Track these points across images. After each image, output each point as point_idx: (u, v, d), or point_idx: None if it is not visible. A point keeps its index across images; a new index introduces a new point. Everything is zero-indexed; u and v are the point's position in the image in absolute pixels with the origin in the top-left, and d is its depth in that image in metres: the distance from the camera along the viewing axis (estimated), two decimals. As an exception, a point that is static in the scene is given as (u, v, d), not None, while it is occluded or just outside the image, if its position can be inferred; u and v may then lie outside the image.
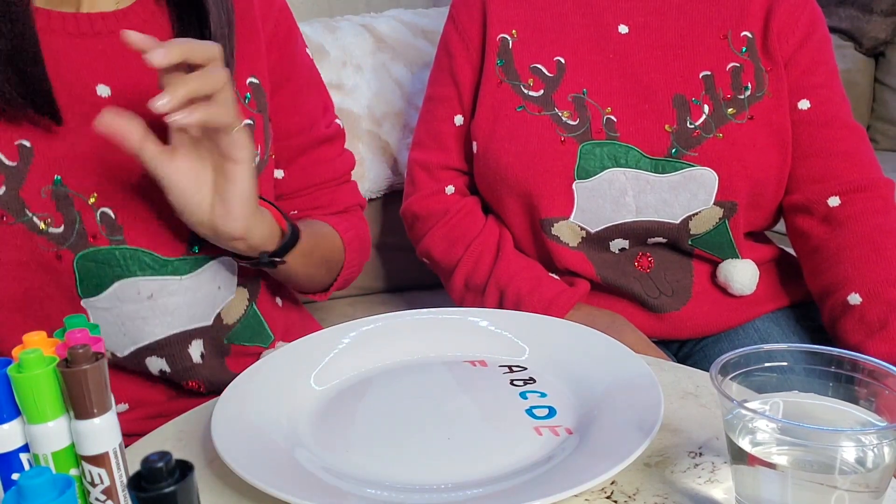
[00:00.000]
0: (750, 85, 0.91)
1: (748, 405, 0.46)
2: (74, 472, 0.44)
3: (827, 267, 0.90)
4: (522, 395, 0.64)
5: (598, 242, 0.94)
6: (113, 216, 0.70)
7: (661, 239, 0.94)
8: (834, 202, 0.90)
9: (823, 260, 0.90)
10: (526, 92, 0.93)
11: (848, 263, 0.87)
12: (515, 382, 0.65)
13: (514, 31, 0.95)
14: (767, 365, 0.50)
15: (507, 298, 0.92)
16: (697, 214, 0.91)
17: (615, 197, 0.90)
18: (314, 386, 0.66)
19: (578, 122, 0.91)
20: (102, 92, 0.70)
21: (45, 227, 0.68)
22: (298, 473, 0.54)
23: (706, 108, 0.90)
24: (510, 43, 0.95)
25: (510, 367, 0.68)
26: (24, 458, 0.43)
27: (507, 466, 0.54)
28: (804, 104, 0.92)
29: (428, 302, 1.15)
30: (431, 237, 1.00)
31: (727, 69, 0.91)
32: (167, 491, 0.33)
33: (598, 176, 0.90)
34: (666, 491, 0.52)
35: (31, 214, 0.67)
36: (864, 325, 0.84)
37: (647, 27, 0.93)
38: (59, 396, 0.42)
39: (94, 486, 0.43)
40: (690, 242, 0.94)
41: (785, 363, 0.50)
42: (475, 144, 0.96)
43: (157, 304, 0.72)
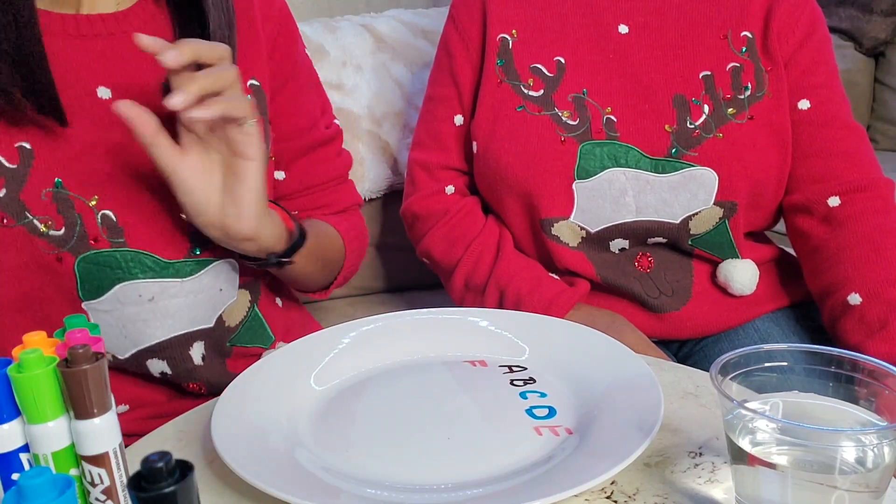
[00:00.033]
0: (750, 85, 0.91)
1: (748, 405, 0.46)
2: (74, 472, 0.44)
3: (827, 267, 0.90)
4: (522, 395, 0.64)
5: (598, 242, 0.94)
6: (114, 218, 0.69)
7: (661, 239, 0.94)
8: (834, 202, 0.90)
9: (823, 260, 0.90)
10: (526, 92, 0.93)
11: (848, 263, 0.87)
12: (515, 382, 0.65)
13: (514, 30, 0.95)
14: (767, 365, 0.50)
15: (507, 298, 0.92)
16: (697, 214, 0.91)
17: (615, 197, 0.90)
18: (314, 386, 0.66)
19: (578, 121, 0.91)
20: (103, 94, 0.70)
21: (45, 229, 0.67)
22: (298, 473, 0.54)
23: (706, 108, 0.90)
24: (510, 43, 0.95)
25: (510, 367, 0.68)
26: (24, 458, 0.43)
27: (507, 466, 0.54)
28: (804, 104, 0.92)
29: (428, 302, 1.15)
30: (431, 237, 1.00)
31: (727, 69, 0.91)
32: (167, 491, 0.33)
33: (598, 176, 0.90)
34: (666, 491, 0.52)
35: (31, 217, 0.67)
36: (864, 325, 0.84)
37: (647, 27, 0.93)
38: (59, 396, 0.42)
39: (94, 486, 0.43)
40: (690, 242, 0.94)
41: (785, 363, 0.50)
42: (475, 144, 0.96)
43: (158, 306, 0.72)
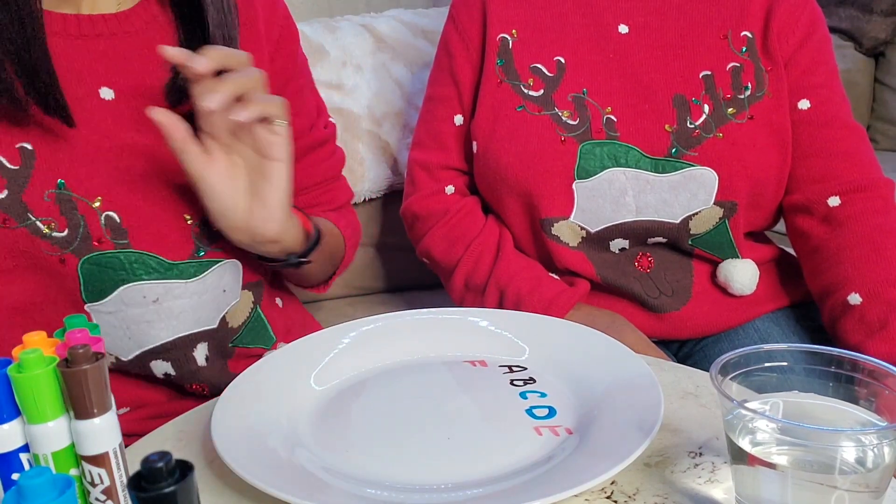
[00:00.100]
0: (750, 85, 0.91)
1: (748, 405, 0.46)
2: (74, 472, 0.44)
3: (827, 267, 0.90)
4: (522, 395, 0.64)
5: (598, 242, 0.94)
6: (118, 220, 0.69)
7: (661, 239, 0.94)
8: (834, 202, 0.90)
9: (823, 260, 0.90)
10: (526, 92, 0.93)
11: (848, 263, 0.87)
12: (515, 382, 0.65)
13: (514, 30, 0.95)
14: (767, 365, 0.50)
15: (507, 298, 0.92)
16: (697, 214, 0.91)
17: (615, 197, 0.90)
18: (314, 386, 0.66)
19: (578, 121, 0.91)
20: (106, 94, 0.70)
21: (48, 231, 0.67)
22: (298, 473, 0.54)
23: (706, 107, 0.90)
24: (510, 43, 0.95)
25: (510, 367, 0.68)
26: (24, 458, 0.43)
27: (507, 466, 0.54)
28: (804, 104, 0.92)
29: (428, 302, 1.15)
30: (431, 237, 1.00)
31: (727, 69, 0.91)
32: (167, 491, 0.33)
33: (598, 176, 0.90)
34: (666, 491, 0.52)
35: (34, 219, 0.66)
36: (864, 325, 0.84)
37: (647, 27, 0.93)
38: (59, 396, 0.42)
39: (94, 486, 0.43)
40: (690, 242, 0.94)
41: (785, 363, 0.50)
42: (475, 144, 0.96)
43: (162, 307, 0.72)
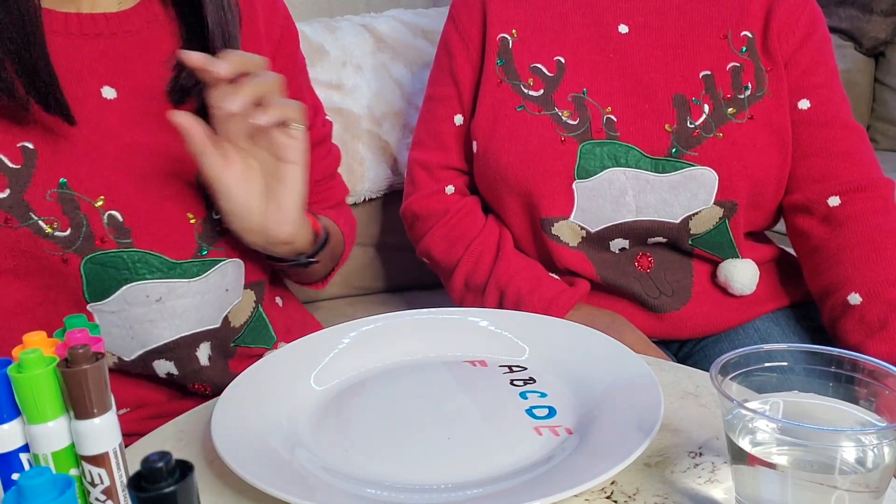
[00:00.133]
0: (750, 85, 0.91)
1: (748, 405, 0.46)
2: (74, 472, 0.44)
3: (827, 267, 0.90)
4: (522, 395, 0.64)
5: (598, 242, 0.94)
6: (121, 219, 0.69)
7: (661, 239, 0.94)
8: (834, 202, 0.90)
9: (823, 260, 0.90)
10: (526, 91, 0.93)
11: (848, 263, 0.87)
12: (515, 382, 0.65)
13: (514, 30, 0.95)
14: (767, 365, 0.50)
15: (507, 298, 0.92)
16: (697, 214, 0.91)
17: (615, 196, 0.90)
18: (314, 386, 0.66)
19: (578, 121, 0.91)
20: (108, 94, 0.70)
21: (50, 230, 0.66)
22: (298, 473, 0.54)
23: (706, 107, 0.90)
24: (510, 42, 0.95)
25: (510, 367, 0.68)
26: (24, 458, 0.43)
27: (507, 466, 0.54)
28: (804, 104, 0.92)
29: (428, 302, 1.15)
30: (431, 237, 1.00)
31: (727, 69, 0.91)
32: (167, 491, 0.33)
33: (598, 175, 0.90)
34: (666, 491, 0.52)
35: (36, 218, 0.66)
36: (864, 325, 0.84)
37: (647, 27, 0.93)
38: (59, 396, 0.42)
39: (94, 486, 0.43)
40: (690, 242, 0.94)
41: (785, 363, 0.50)
42: (475, 144, 0.96)
43: (165, 307, 0.72)
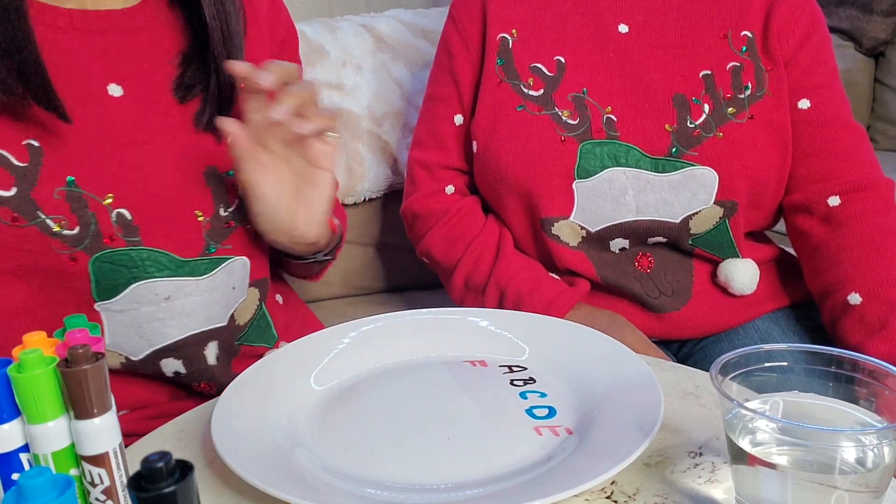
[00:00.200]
0: (750, 84, 0.91)
1: (748, 405, 0.46)
2: (74, 472, 0.44)
3: (827, 267, 0.90)
4: (522, 395, 0.64)
5: (598, 242, 0.94)
6: (129, 217, 0.68)
7: (661, 238, 0.94)
8: (834, 202, 0.90)
9: (823, 260, 0.90)
10: (526, 91, 0.93)
11: (848, 263, 0.87)
12: (515, 382, 0.65)
13: (514, 30, 0.95)
14: (767, 365, 0.50)
15: (507, 298, 0.92)
16: (697, 214, 0.91)
17: (615, 196, 0.90)
18: (314, 386, 0.66)
19: (578, 121, 0.91)
20: (114, 91, 0.69)
21: (58, 228, 0.66)
22: (298, 473, 0.54)
23: (706, 107, 0.90)
24: (510, 42, 0.95)
25: (510, 367, 0.68)
26: (24, 458, 0.43)
27: (507, 466, 0.54)
28: (804, 104, 0.92)
29: (428, 302, 1.15)
30: (431, 237, 1.00)
31: (727, 68, 0.91)
32: (167, 491, 0.33)
33: (598, 175, 0.90)
34: (666, 491, 0.52)
35: (43, 216, 0.65)
36: (864, 325, 0.84)
37: (647, 27, 0.93)
38: (59, 396, 0.42)
39: (94, 486, 0.43)
40: (691, 242, 0.94)
41: (785, 363, 0.50)
42: (475, 144, 0.96)
43: (174, 305, 0.71)
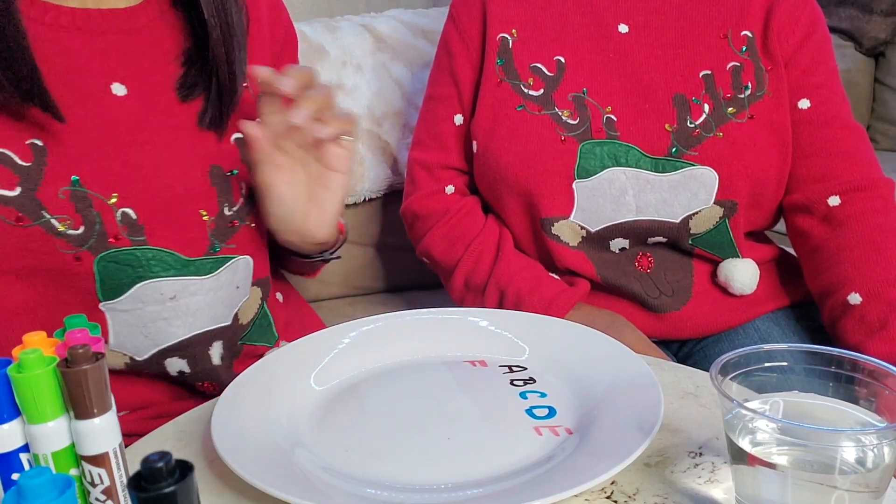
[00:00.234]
0: (750, 84, 0.91)
1: (748, 405, 0.46)
2: (74, 472, 0.44)
3: (827, 267, 0.90)
4: (522, 395, 0.64)
5: (598, 242, 0.94)
6: (134, 216, 0.68)
7: (661, 238, 0.94)
8: (834, 202, 0.90)
9: (823, 260, 0.90)
10: (526, 91, 0.93)
11: (848, 263, 0.87)
12: (515, 382, 0.65)
13: (514, 30, 0.95)
14: (767, 365, 0.50)
15: (507, 298, 0.92)
16: (698, 214, 0.91)
17: (615, 196, 0.90)
18: (314, 386, 0.66)
19: (578, 121, 0.91)
20: (118, 90, 0.69)
21: (63, 228, 0.65)
22: (298, 473, 0.54)
23: (706, 107, 0.90)
24: (510, 42, 0.95)
25: (510, 367, 0.68)
26: (24, 458, 0.43)
27: (507, 466, 0.54)
28: (804, 104, 0.92)
29: (428, 302, 1.15)
30: (431, 237, 1.00)
31: (727, 68, 0.91)
32: (167, 491, 0.33)
33: (598, 175, 0.90)
34: (666, 491, 0.52)
35: (48, 216, 0.65)
36: (864, 325, 0.84)
37: (647, 26, 0.93)
38: (59, 396, 0.42)
39: (94, 486, 0.43)
40: (691, 242, 0.94)
41: (785, 363, 0.50)
42: (475, 144, 0.96)
43: (179, 304, 0.71)
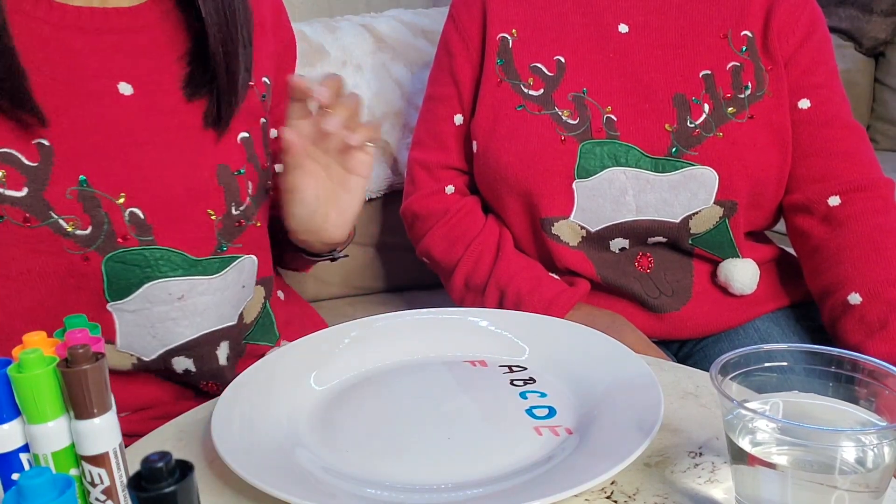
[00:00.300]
0: (750, 84, 0.91)
1: (748, 405, 0.46)
2: (74, 472, 0.44)
3: (827, 267, 0.90)
4: (522, 395, 0.64)
5: (598, 242, 0.94)
6: (142, 216, 0.68)
7: (661, 238, 0.94)
8: (834, 202, 0.90)
9: (823, 260, 0.90)
10: (526, 91, 0.93)
11: (848, 263, 0.87)
12: (515, 382, 0.65)
13: (514, 30, 0.95)
14: (767, 365, 0.50)
15: (507, 298, 0.92)
16: (697, 214, 0.91)
17: (615, 196, 0.90)
18: (314, 386, 0.66)
19: (578, 121, 0.91)
20: (125, 90, 0.69)
21: (71, 229, 0.65)
22: (298, 473, 0.54)
23: (706, 107, 0.90)
24: (510, 42, 0.95)
25: (510, 367, 0.68)
26: (24, 458, 0.43)
27: (507, 466, 0.55)
28: (804, 104, 0.92)
29: (428, 302, 1.15)
30: (431, 237, 1.00)
31: (727, 68, 0.91)
32: (167, 491, 0.33)
33: (598, 175, 0.90)
34: (666, 491, 0.52)
35: (56, 216, 0.65)
36: (864, 325, 0.84)
37: (647, 26, 0.93)
38: (59, 396, 0.42)
39: (94, 486, 0.43)
40: (691, 242, 0.94)
41: (785, 363, 0.50)
42: (475, 144, 0.96)
43: (186, 304, 0.71)
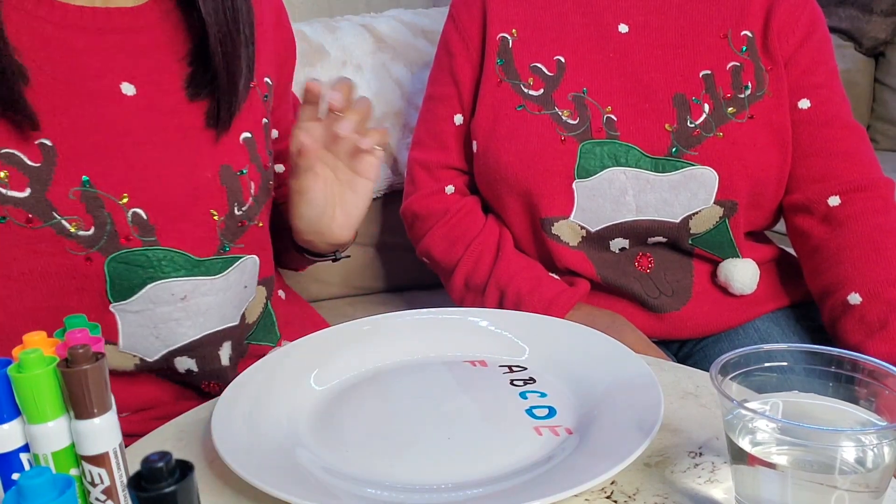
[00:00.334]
0: (750, 84, 0.91)
1: (748, 405, 0.46)
2: (74, 472, 0.44)
3: (827, 267, 0.90)
4: (522, 395, 0.64)
5: (598, 242, 0.94)
6: (145, 217, 0.68)
7: (661, 238, 0.94)
8: (834, 202, 0.90)
9: (823, 260, 0.90)
10: (526, 91, 0.93)
11: (848, 263, 0.87)
12: (515, 382, 0.65)
13: (514, 30, 0.95)
14: (767, 365, 0.50)
15: (507, 298, 0.92)
16: (698, 214, 0.91)
17: (615, 196, 0.90)
18: (314, 386, 0.66)
19: (578, 121, 0.91)
20: (127, 90, 0.69)
21: (74, 230, 0.65)
22: (298, 473, 0.54)
23: (706, 107, 0.90)
24: (510, 42, 0.95)
25: (510, 367, 0.68)
26: (24, 458, 0.43)
27: (507, 466, 0.54)
28: (804, 104, 0.92)
29: (428, 302, 1.15)
30: (431, 237, 1.00)
31: (727, 68, 0.91)
32: (167, 491, 0.33)
33: (598, 175, 0.90)
34: (666, 491, 0.52)
35: (59, 217, 0.64)
36: (864, 325, 0.84)
37: (647, 26, 0.93)
38: (59, 396, 0.42)
39: (94, 486, 0.43)
40: (691, 242, 0.94)
41: (785, 363, 0.50)
42: (475, 144, 0.96)
43: (190, 305, 0.71)
